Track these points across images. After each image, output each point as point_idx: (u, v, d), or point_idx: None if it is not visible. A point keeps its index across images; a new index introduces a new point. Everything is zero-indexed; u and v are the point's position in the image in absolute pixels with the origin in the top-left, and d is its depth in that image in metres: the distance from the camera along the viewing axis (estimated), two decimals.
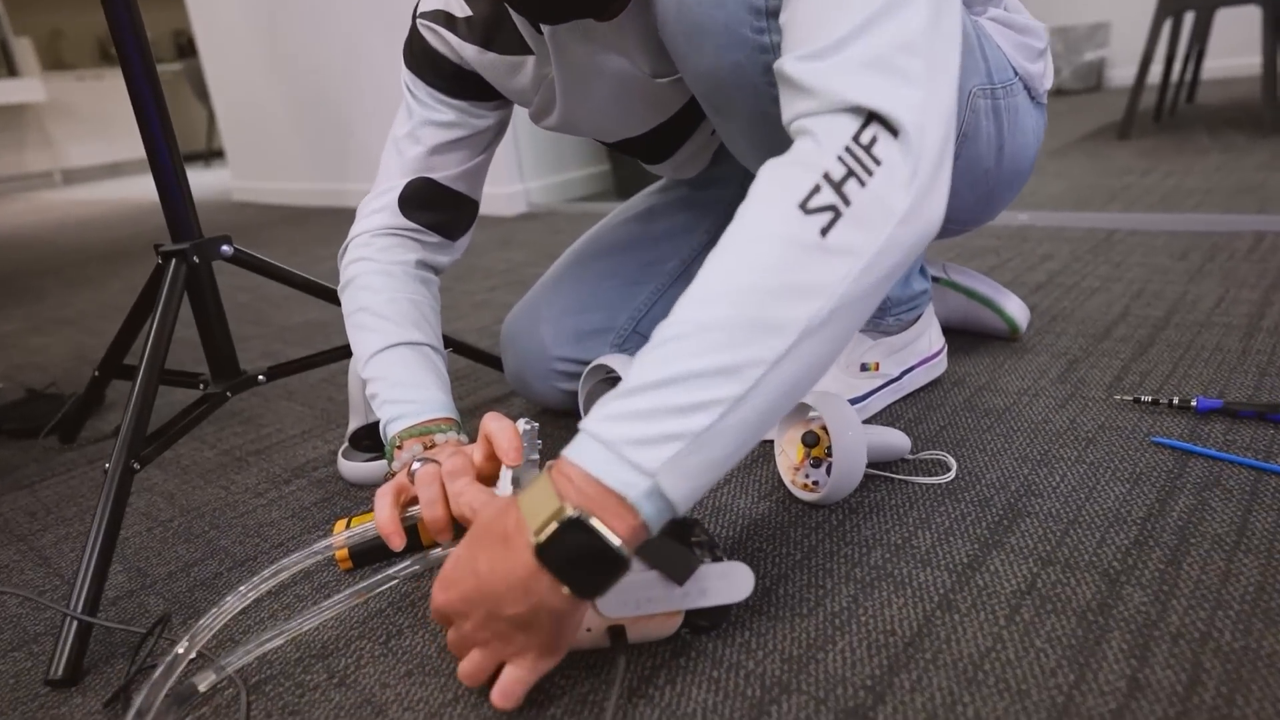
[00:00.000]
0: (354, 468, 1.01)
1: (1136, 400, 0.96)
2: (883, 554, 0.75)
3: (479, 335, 1.58)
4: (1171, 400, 0.94)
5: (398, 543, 0.70)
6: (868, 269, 0.52)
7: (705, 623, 0.67)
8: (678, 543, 0.64)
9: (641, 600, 0.62)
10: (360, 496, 0.98)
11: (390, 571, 0.70)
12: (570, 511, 0.52)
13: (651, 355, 0.53)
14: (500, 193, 2.93)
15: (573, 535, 0.52)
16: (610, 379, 1.06)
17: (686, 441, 0.51)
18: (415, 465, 0.75)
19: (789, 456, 0.89)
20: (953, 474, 0.86)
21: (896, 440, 0.89)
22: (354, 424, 1.04)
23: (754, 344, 0.51)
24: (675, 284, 1.09)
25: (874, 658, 0.63)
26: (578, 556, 0.52)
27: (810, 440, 0.86)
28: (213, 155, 7.86)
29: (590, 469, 0.52)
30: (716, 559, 0.65)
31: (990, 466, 0.88)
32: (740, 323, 0.51)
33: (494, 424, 0.70)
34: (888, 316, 1.00)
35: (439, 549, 0.71)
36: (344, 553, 0.81)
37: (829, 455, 0.85)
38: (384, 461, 1.00)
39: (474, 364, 1.40)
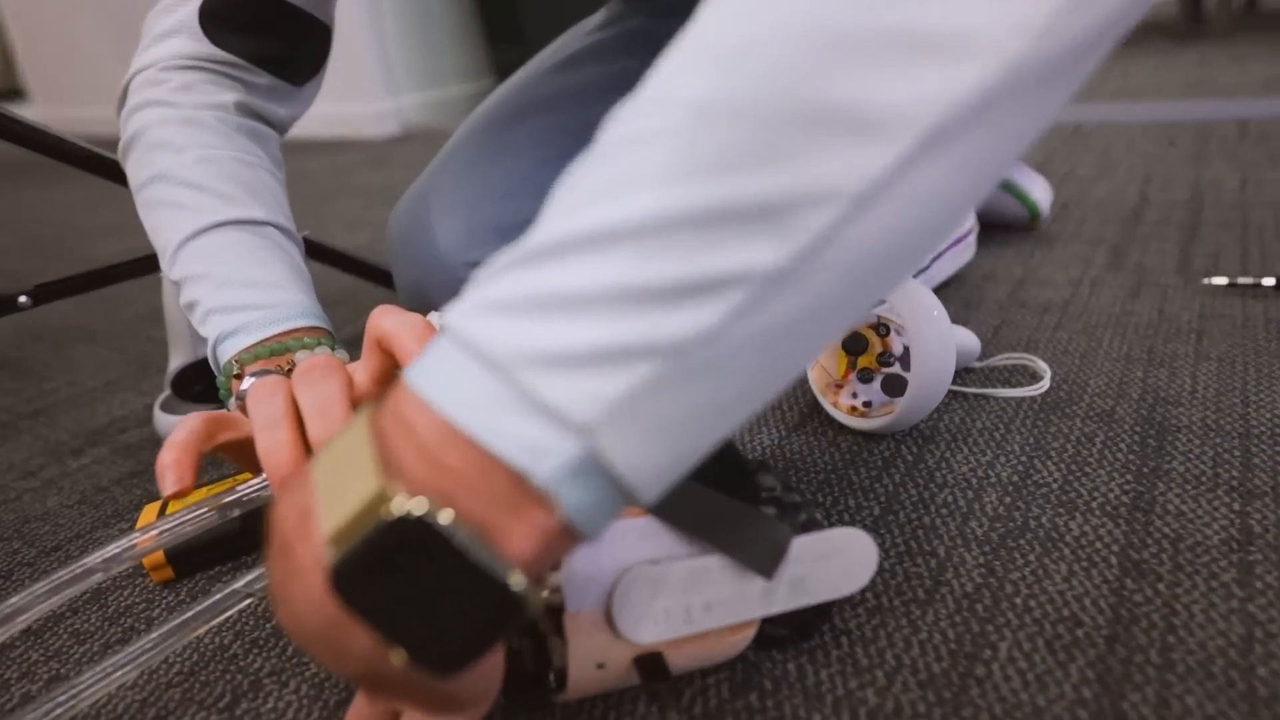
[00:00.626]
0: (168, 424, 0.68)
1: (1233, 284, 0.75)
2: (999, 496, 0.51)
3: None
4: (1276, 280, 0.74)
5: (172, 483, 0.38)
6: (1073, 6, 0.23)
7: (785, 631, 0.40)
8: (743, 499, 0.37)
9: (693, 609, 0.35)
10: None
11: (238, 585, 0.39)
12: (403, 504, 0.24)
13: (590, 177, 0.25)
14: (366, 111, 2.52)
15: (406, 552, 0.24)
16: None
17: (659, 363, 0.23)
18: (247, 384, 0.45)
19: (826, 370, 0.63)
20: (1046, 382, 0.63)
21: (966, 341, 0.65)
22: (176, 361, 0.71)
23: (820, 151, 0.23)
24: None
25: (1067, 665, 0.38)
26: (419, 595, 0.24)
27: (856, 345, 0.60)
28: (12, 95, 6.85)
29: (456, 415, 0.24)
30: (809, 523, 0.38)
31: (1087, 370, 0.65)
32: (792, 106, 0.23)
33: (389, 320, 0.39)
34: None
35: None
36: (156, 556, 0.50)
37: (885, 365, 0.59)
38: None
39: (349, 284, 1.07)
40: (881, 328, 0.60)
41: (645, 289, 0.23)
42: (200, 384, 0.72)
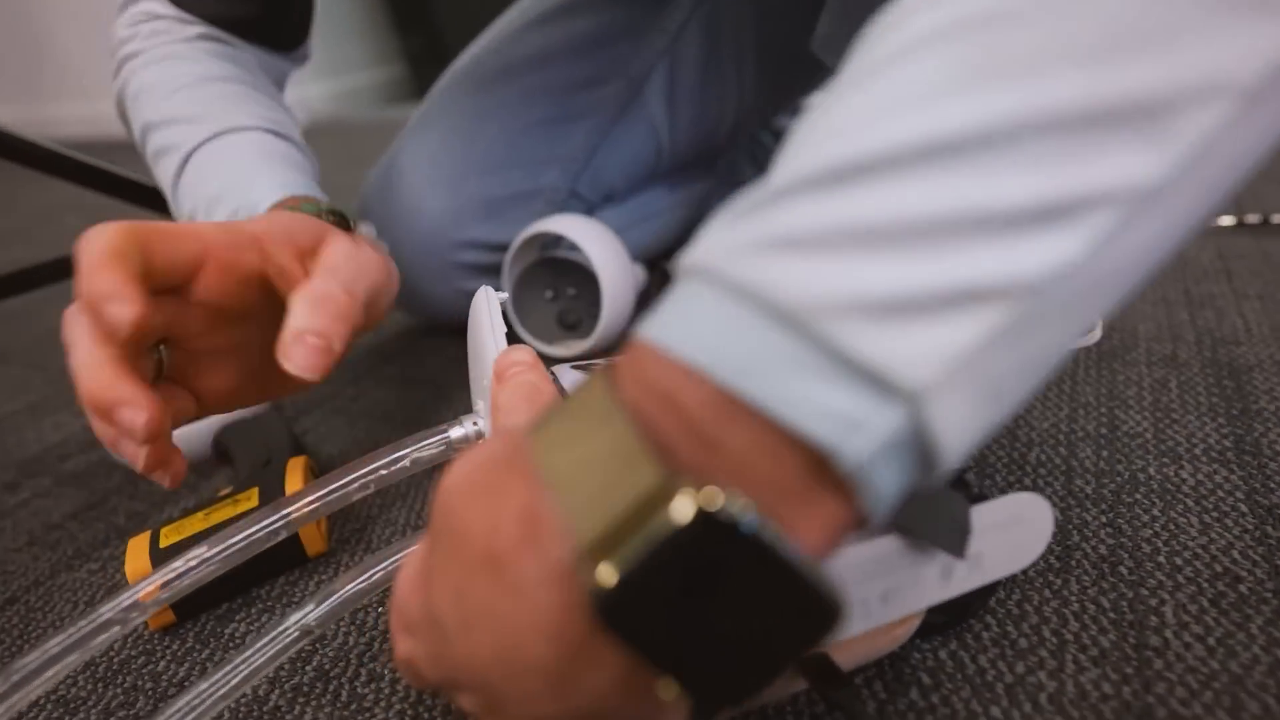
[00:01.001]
0: None
1: (1241, 223, 0.75)
2: (1095, 450, 0.47)
3: None
4: (1269, 218, 0.73)
5: (125, 314, 0.31)
6: None
7: (945, 617, 0.36)
8: None
9: (870, 601, 0.30)
10: (158, 494, 0.57)
11: (302, 621, 0.32)
12: (691, 501, 0.18)
13: (889, 81, 0.19)
14: None
15: (698, 559, 0.18)
16: (553, 260, 0.70)
17: (1009, 307, 0.18)
18: None
19: None
20: (1099, 331, 0.60)
21: None
22: None
23: (1221, 29, 0.18)
24: (623, 118, 0.73)
25: (1246, 626, 0.35)
26: (707, 612, 0.18)
27: None
28: None
29: (740, 384, 0.19)
30: (978, 494, 0.34)
31: (1132, 316, 0.63)
32: None
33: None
34: None
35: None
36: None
37: None
38: (198, 425, 0.59)
39: None
40: None
41: (993, 214, 0.18)
42: None
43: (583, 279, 0.68)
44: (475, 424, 0.38)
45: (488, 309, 0.39)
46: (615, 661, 0.20)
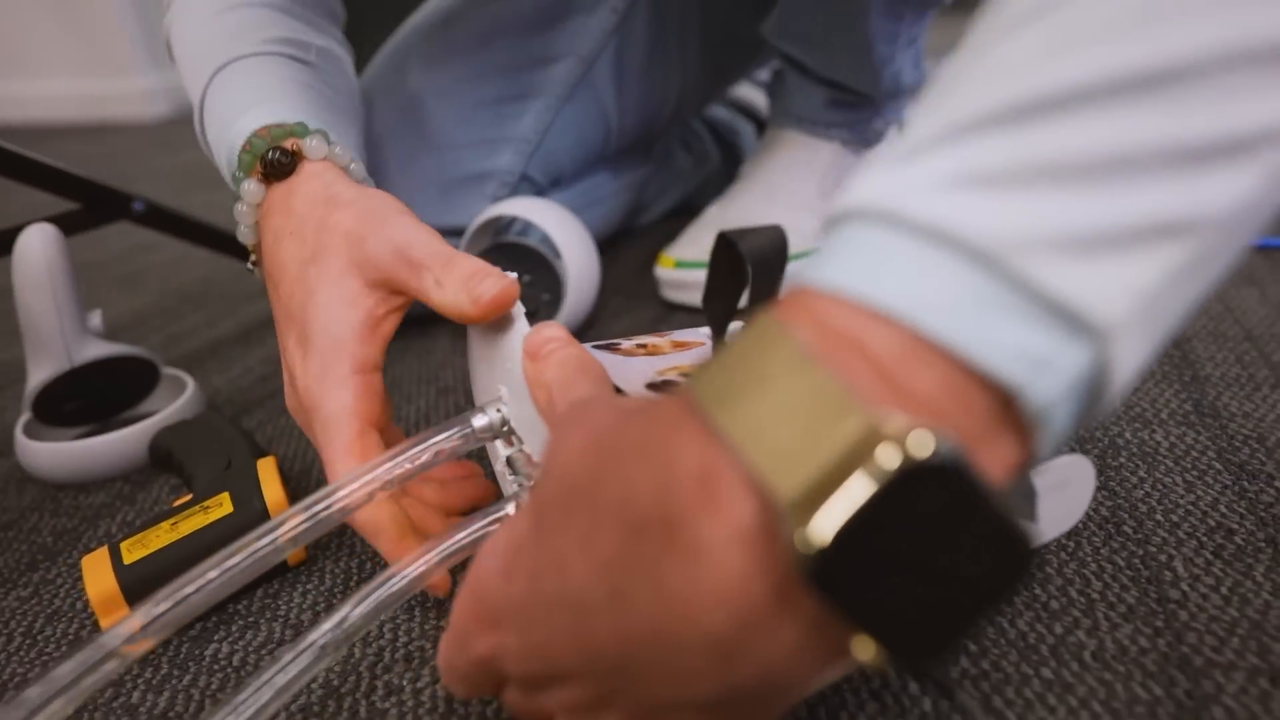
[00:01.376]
0: (51, 452, 0.53)
1: None
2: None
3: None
4: None
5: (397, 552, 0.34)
6: None
7: None
8: None
9: None
10: (85, 507, 0.51)
11: (331, 633, 0.29)
12: (897, 447, 0.17)
13: (1068, 16, 0.19)
14: (128, 89, 2.18)
15: (908, 507, 0.17)
16: (506, 245, 0.67)
17: (1195, 241, 0.18)
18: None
19: None
20: None
21: None
22: (40, 374, 0.54)
23: None
24: (574, 98, 0.71)
25: (1251, 573, 0.37)
26: (912, 564, 0.18)
27: None
28: None
29: (930, 324, 0.18)
30: None
31: None
32: None
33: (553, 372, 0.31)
34: (875, 119, 0.73)
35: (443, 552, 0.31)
36: (108, 591, 0.38)
37: None
38: (129, 431, 0.53)
39: (218, 271, 0.90)
40: None
41: (1182, 148, 0.18)
42: (73, 401, 0.56)
43: (537, 264, 0.66)
44: (498, 410, 0.35)
45: None
46: (796, 626, 0.19)
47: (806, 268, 0.20)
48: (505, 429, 0.35)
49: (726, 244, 0.35)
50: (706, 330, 0.43)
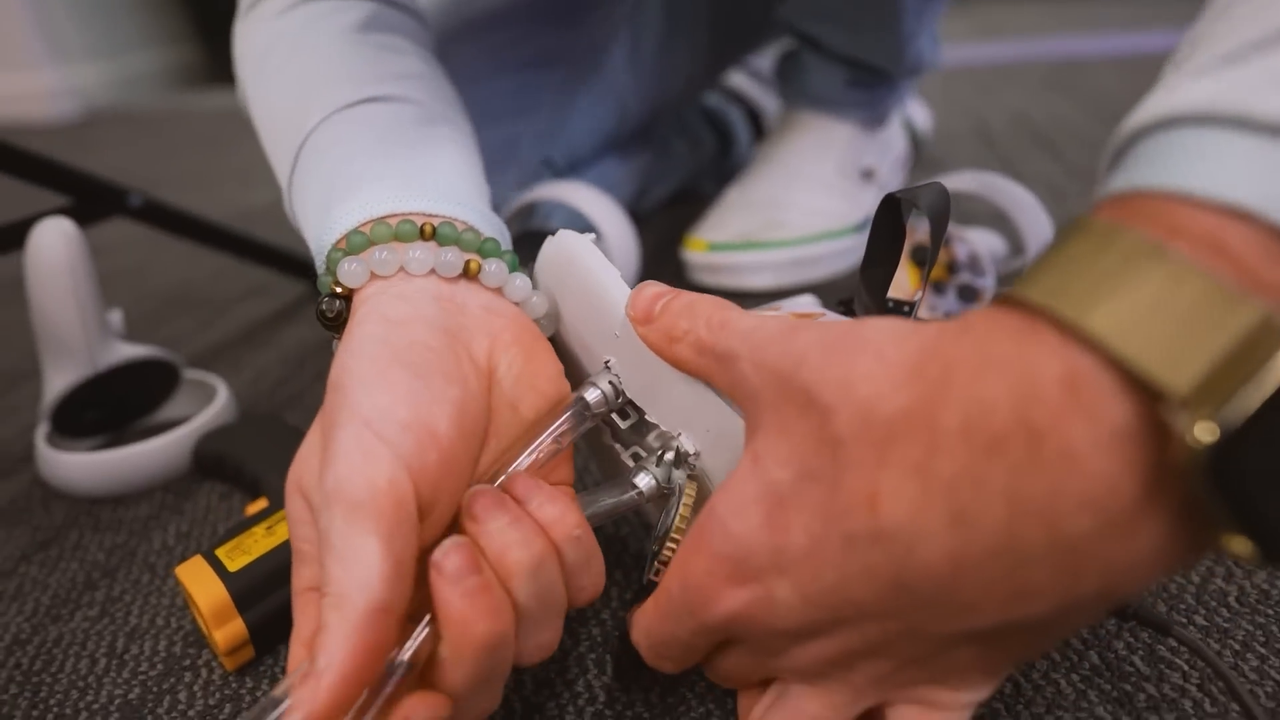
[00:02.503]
0: (86, 464, 0.48)
1: None
2: None
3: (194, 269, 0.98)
4: None
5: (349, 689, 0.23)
6: None
7: None
8: None
9: None
10: (132, 520, 0.47)
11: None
12: None
13: None
14: (25, 86, 2.03)
15: None
16: (540, 235, 0.65)
17: None
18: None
19: (898, 285, 0.59)
20: None
21: (996, 244, 0.65)
22: (59, 381, 0.50)
23: None
24: (594, 80, 0.70)
25: None
26: None
27: (923, 256, 0.57)
28: None
29: None
30: None
31: None
32: None
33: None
34: (890, 96, 0.73)
35: None
36: (236, 633, 0.35)
37: (954, 273, 0.58)
38: (168, 437, 0.49)
39: (214, 270, 0.84)
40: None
41: None
42: (94, 410, 0.52)
43: None
44: (610, 382, 0.33)
45: (587, 253, 0.34)
46: (1156, 527, 0.19)
47: (1125, 175, 0.20)
48: (620, 400, 0.33)
49: (893, 205, 0.34)
50: (811, 298, 0.43)
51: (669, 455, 0.31)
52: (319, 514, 0.25)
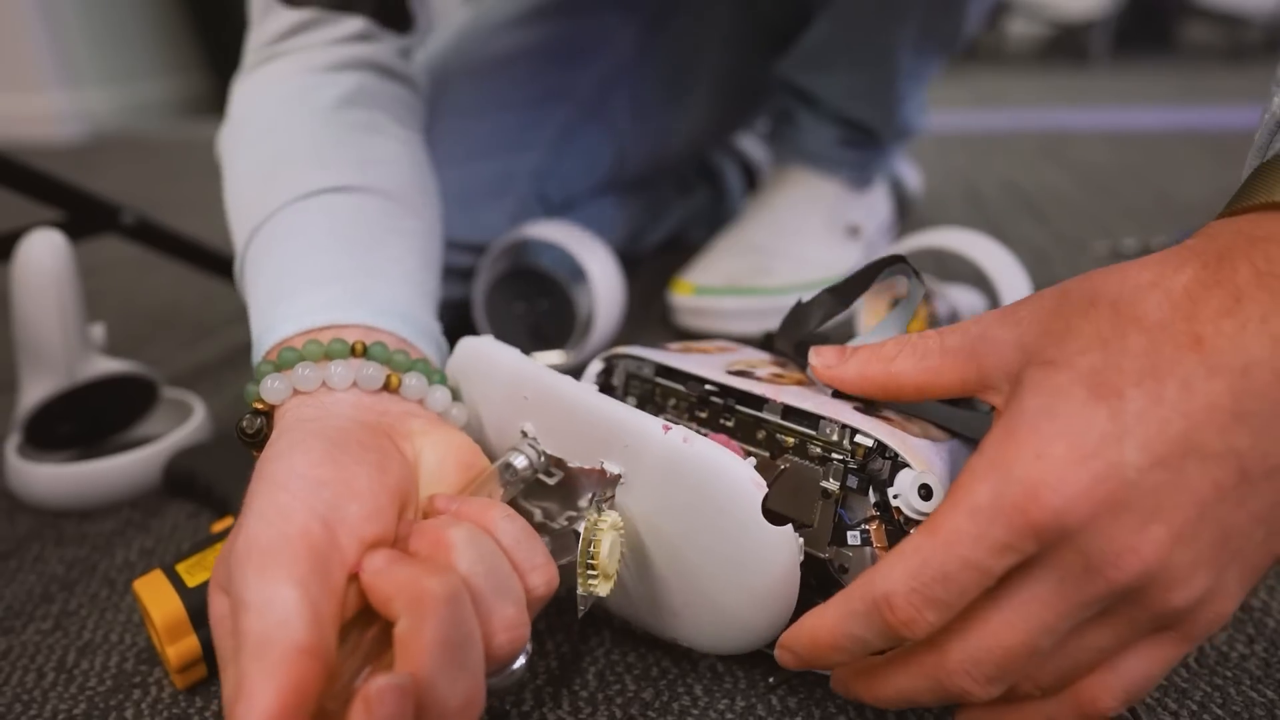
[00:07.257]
0: (54, 476, 0.48)
1: (1117, 252, 0.85)
2: None
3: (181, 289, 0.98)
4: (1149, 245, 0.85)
5: None
6: None
7: None
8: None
9: None
10: (97, 534, 0.46)
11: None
12: None
13: None
14: (36, 107, 2.06)
15: None
16: (529, 272, 0.65)
17: None
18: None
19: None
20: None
21: (977, 302, 0.66)
22: (34, 393, 0.50)
23: None
24: (593, 121, 0.71)
25: None
26: None
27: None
28: None
29: None
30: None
31: None
32: None
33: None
34: (878, 159, 0.75)
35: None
36: (189, 649, 0.35)
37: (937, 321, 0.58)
38: (121, 460, 0.49)
39: (197, 290, 0.85)
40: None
41: None
42: (68, 423, 0.52)
43: (554, 288, 0.65)
44: (530, 445, 0.33)
45: (487, 344, 0.35)
46: None
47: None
48: (543, 460, 0.33)
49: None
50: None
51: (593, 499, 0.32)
52: (232, 586, 0.24)
